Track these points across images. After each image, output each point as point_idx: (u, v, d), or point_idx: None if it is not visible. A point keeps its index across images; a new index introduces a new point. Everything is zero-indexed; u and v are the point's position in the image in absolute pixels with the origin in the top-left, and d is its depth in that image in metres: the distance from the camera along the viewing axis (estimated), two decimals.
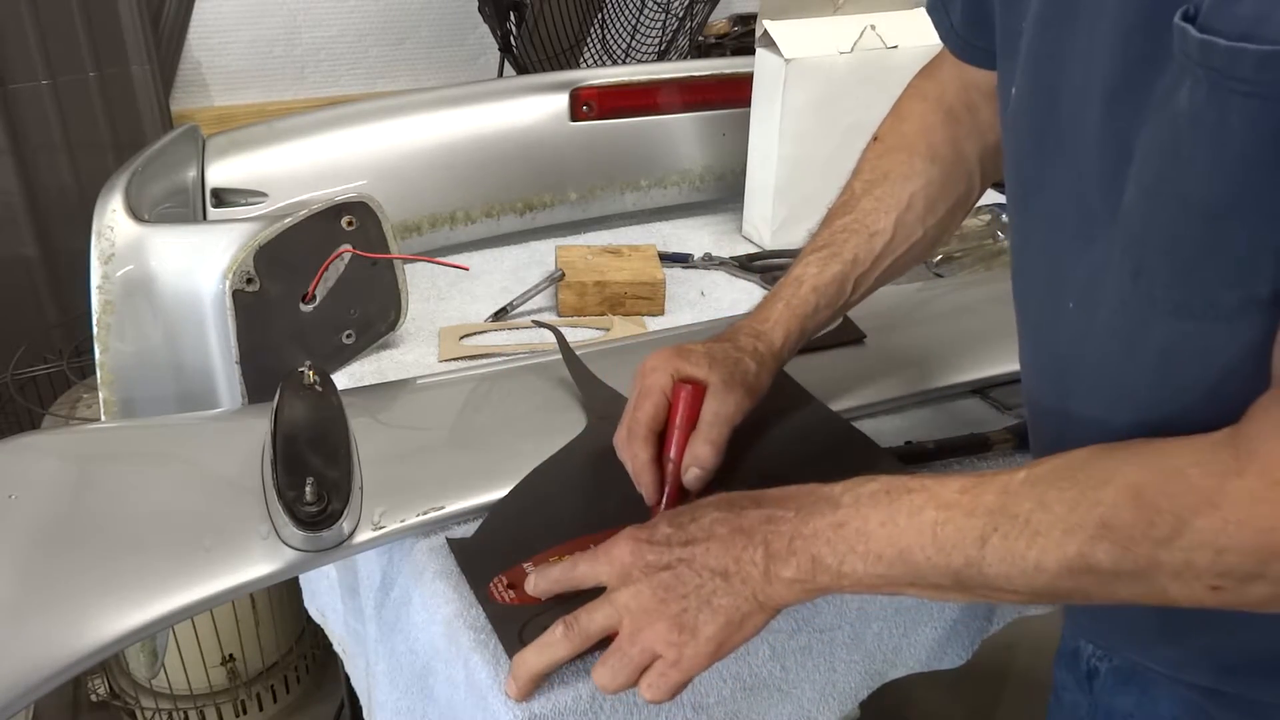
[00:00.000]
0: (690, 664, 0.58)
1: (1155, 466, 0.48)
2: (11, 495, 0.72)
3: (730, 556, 0.57)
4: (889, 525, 0.53)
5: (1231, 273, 0.47)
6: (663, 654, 0.58)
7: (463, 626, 0.68)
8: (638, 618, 0.59)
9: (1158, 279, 0.50)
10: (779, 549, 0.56)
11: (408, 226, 1.17)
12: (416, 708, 0.76)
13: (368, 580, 0.82)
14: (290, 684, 1.65)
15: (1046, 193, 0.59)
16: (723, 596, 0.57)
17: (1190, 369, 0.51)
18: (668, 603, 0.58)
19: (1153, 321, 0.51)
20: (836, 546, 0.54)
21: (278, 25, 1.86)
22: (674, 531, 0.60)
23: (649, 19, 1.64)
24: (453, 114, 1.20)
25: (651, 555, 0.60)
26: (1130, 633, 0.65)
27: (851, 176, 0.84)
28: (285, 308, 0.92)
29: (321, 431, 0.77)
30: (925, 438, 0.85)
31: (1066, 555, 0.48)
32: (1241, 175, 0.44)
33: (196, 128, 1.14)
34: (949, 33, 0.76)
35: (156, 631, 0.65)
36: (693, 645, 0.57)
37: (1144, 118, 0.48)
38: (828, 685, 0.76)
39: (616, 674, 0.59)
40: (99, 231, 0.89)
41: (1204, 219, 0.47)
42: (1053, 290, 0.59)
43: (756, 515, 0.58)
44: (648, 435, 0.71)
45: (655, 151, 1.29)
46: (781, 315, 0.78)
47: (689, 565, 0.58)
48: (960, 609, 0.80)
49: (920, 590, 0.54)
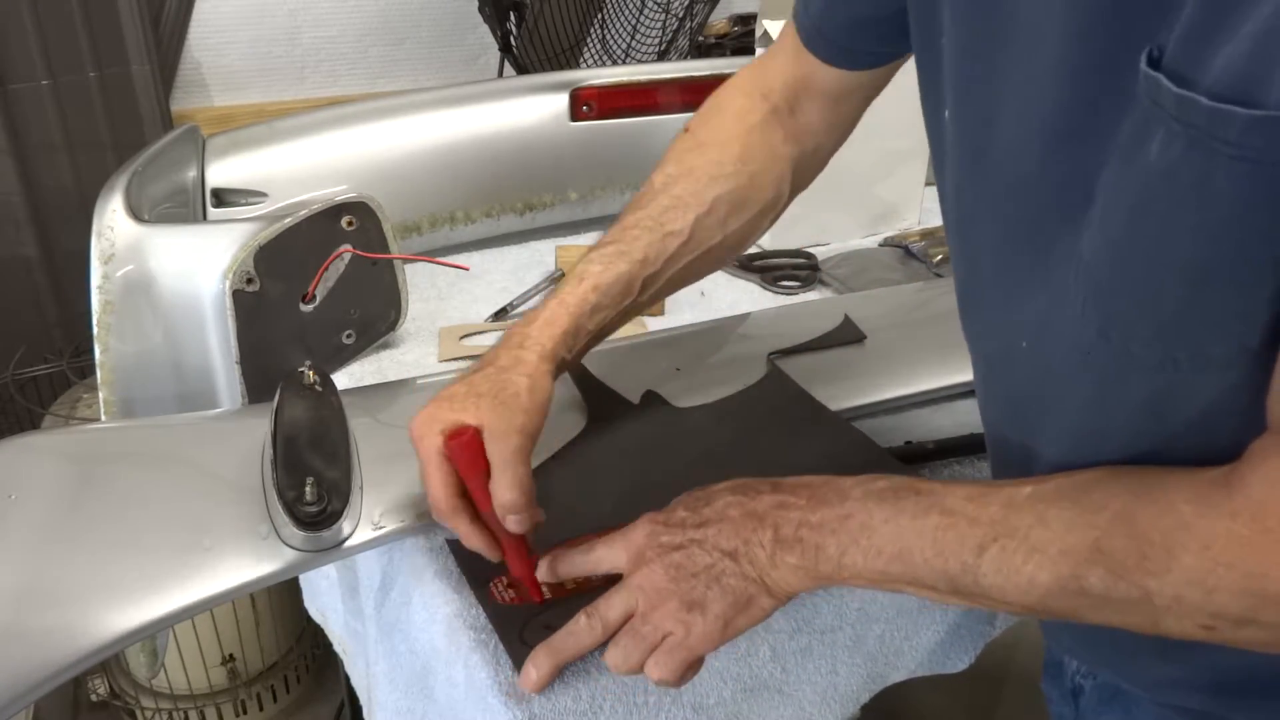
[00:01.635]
0: (698, 642, 0.58)
1: (1151, 498, 0.47)
2: (11, 495, 0.72)
3: (740, 538, 0.58)
4: (892, 524, 0.53)
5: (1221, 328, 0.44)
6: (673, 631, 0.58)
7: (463, 626, 0.68)
8: (650, 597, 0.59)
9: (1134, 335, 0.46)
10: (786, 534, 0.56)
11: (408, 226, 1.17)
12: (416, 708, 0.76)
13: (368, 580, 0.82)
14: (290, 684, 1.65)
15: (988, 226, 0.55)
16: (731, 577, 0.58)
17: (1173, 414, 0.48)
18: (679, 581, 0.58)
19: (1129, 375, 0.48)
20: (840, 538, 0.55)
21: (278, 25, 1.86)
22: (689, 514, 0.60)
23: (649, 19, 1.64)
24: (453, 114, 1.20)
25: (665, 536, 0.60)
26: (1112, 653, 0.64)
27: (655, 168, 0.79)
28: (285, 308, 0.92)
29: (321, 431, 0.77)
30: (925, 438, 0.85)
31: (1060, 575, 0.48)
32: (1233, 237, 0.40)
33: (196, 128, 1.14)
34: (803, 15, 0.72)
35: (156, 631, 0.65)
36: (701, 624, 0.57)
37: (1102, 160, 0.44)
38: (829, 687, 0.76)
39: (629, 654, 0.59)
40: (99, 231, 0.89)
41: (1188, 279, 0.43)
42: (1003, 328, 0.56)
43: (769, 500, 0.58)
44: (452, 507, 0.65)
45: (655, 151, 1.27)
46: (555, 313, 0.72)
47: (700, 545, 0.59)
48: (961, 613, 0.80)
49: (918, 590, 0.54)
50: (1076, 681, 0.71)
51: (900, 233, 1.28)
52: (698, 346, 0.99)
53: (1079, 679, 0.71)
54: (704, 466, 0.71)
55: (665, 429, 0.83)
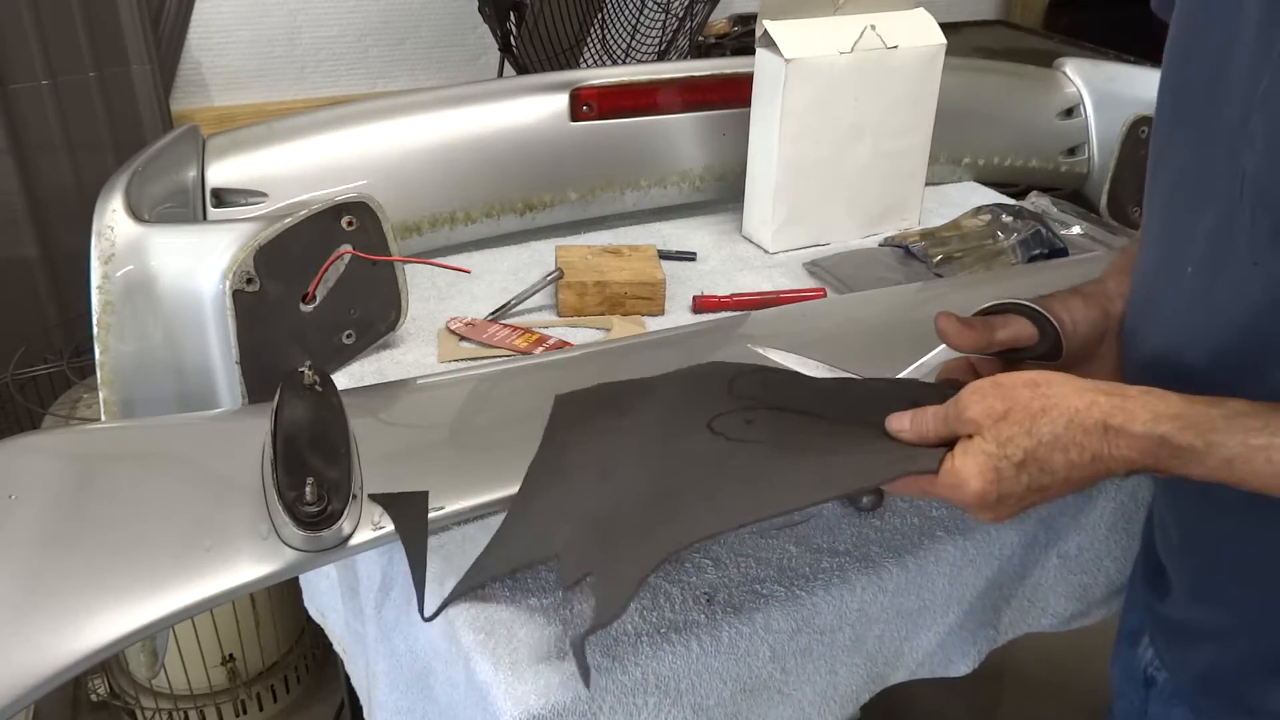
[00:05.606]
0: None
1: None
2: (11, 495, 0.72)
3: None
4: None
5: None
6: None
7: (463, 626, 0.68)
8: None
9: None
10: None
11: (408, 226, 1.17)
12: (416, 708, 0.76)
13: (368, 580, 0.82)
14: (290, 684, 1.65)
15: (1175, 154, 0.61)
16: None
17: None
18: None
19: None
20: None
21: (278, 25, 1.86)
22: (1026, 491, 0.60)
23: (649, 19, 1.64)
24: (453, 114, 1.20)
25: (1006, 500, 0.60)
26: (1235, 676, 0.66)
27: None
28: (285, 308, 0.92)
29: (321, 431, 0.77)
30: None
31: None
32: None
33: (197, 128, 1.14)
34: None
35: (157, 631, 0.65)
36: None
37: (1259, 75, 0.51)
38: (828, 688, 0.76)
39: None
40: (99, 231, 0.89)
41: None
42: (1168, 263, 0.62)
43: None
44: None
45: (655, 151, 1.29)
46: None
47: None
48: (961, 615, 0.80)
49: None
50: (1149, 673, 0.73)
51: (900, 233, 1.28)
52: (698, 346, 0.99)
53: (1152, 670, 0.73)
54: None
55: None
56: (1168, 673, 0.72)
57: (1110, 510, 0.86)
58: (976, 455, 0.59)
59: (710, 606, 0.71)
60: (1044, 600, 0.86)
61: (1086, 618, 0.90)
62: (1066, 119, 1.49)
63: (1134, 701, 0.75)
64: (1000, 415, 0.59)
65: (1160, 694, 0.72)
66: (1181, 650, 0.70)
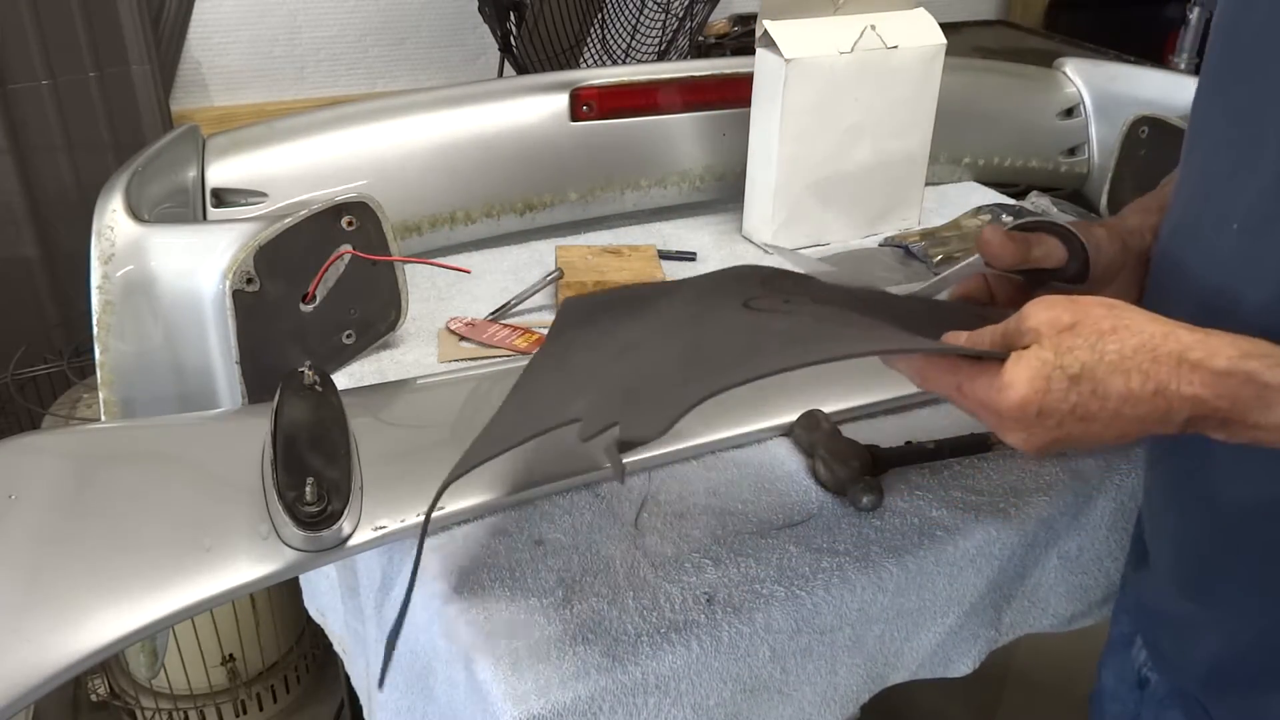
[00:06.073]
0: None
1: None
2: (11, 495, 0.72)
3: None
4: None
5: None
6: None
7: (463, 627, 0.68)
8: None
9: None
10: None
11: (408, 226, 1.17)
12: (416, 707, 0.76)
13: (368, 580, 0.82)
14: (290, 684, 1.65)
15: (1226, 110, 0.60)
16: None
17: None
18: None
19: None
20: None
21: (278, 25, 1.86)
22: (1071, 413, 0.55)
23: (649, 19, 1.64)
24: (453, 114, 1.20)
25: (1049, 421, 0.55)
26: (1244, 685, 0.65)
27: None
28: (285, 308, 0.92)
29: (321, 431, 0.77)
30: (925, 438, 0.85)
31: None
32: None
33: (196, 128, 1.14)
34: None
35: (156, 631, 0.65)
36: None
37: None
38: (829, 688, 0.76)
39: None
40: (99, 231, 0.89)
41: None
42: (1216, 222, 0.59)
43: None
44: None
45: (655, 151, 1.29)
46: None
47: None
48: (962, 615, 0.80)
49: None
50: (1144, 674, 0.73)
51: (900, 233, 1.28)
52: None
53: (1146, 671, 0.72)
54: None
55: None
56: (1159, 674, 0.72)
57: (1110, 510, 0.86)
58: (1030, 360, 0.54)
59: (710, 606, 0.71)
60: (1044, 600, 0.86)
61: (1087, 618, 0.90)
62: (1066, 119, 1.49)
63: (1127, 705, 0.75)
64: (1066, 326, 0.54)
65: (1153, 696, 0.72)
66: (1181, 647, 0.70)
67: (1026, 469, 0.85)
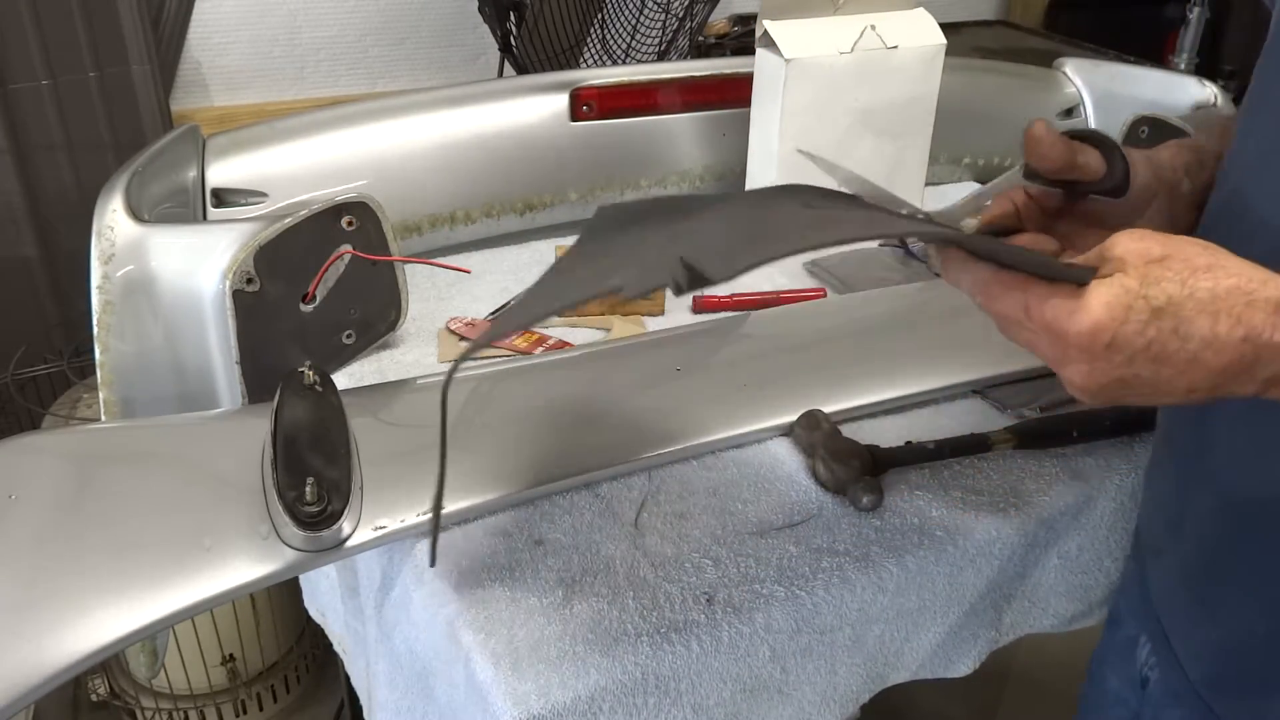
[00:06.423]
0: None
1: None
2: (11, 495, 0.72)
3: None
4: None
5: None
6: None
7: (463, 626, 0.68)
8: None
9: None
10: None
11: (408, 226, 1.17)
12: (416, 708, 0.76)
13: (368, 580, 0.82)
14: (290, 684, 1.65)
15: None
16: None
17: None
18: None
19: None
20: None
21: (278, 25, 1.86)
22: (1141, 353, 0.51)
23: (649, 19, 1.64)
24: (453, 114, 1.20)
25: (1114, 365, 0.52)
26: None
27: None
28: (285, 308, 0.92)
29: (321, 431, 0.77)
30: (925, 438, 0.85)
31: None
32: None
33: (197, 128, 1.14)
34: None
35: (156, 631, 0.65)
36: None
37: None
38: (828, 688, 0.76)
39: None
40: (99, 231, 0.89)
41: None
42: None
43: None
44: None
45: (655, 151, 1.29)
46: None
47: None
48: (962, 615, 0.80)
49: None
50: (1145, 673, 0.72)
51: None
52: (698, 346, 0.99)
53: (1148, 670, 0.72)
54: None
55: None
56: (1163, 674, 0.71)
57: (1110, 510, 0.86)
58: (1112, 285, 0.50)
59: (710, 606, 0.71)
60: (1045, 600, 0.86)
61: (1087, 618, 0.90)
62: (1066, 119, 1.49)
63: (1130, 705, 0.75)
64: (1156, 258, 0.50)
65: (1153, 696, 0.72)
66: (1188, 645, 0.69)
67: (1026, 469, 0.85)
